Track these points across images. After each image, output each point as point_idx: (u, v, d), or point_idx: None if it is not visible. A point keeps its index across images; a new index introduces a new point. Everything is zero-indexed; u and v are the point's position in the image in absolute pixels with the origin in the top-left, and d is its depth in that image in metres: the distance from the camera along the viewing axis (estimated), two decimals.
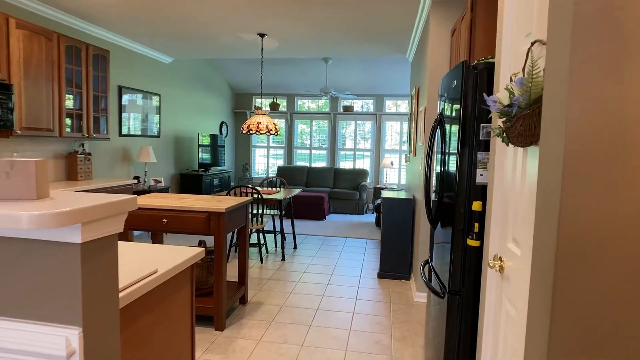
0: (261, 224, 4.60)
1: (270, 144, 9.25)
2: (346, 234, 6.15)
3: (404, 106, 8.78)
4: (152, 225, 2.98)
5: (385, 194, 4.47)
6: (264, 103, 9.26)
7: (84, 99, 4.18)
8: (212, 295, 3.09)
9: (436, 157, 2.36)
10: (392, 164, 8.23)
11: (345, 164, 8.98)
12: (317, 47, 5.43)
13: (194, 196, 3.40)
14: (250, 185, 4.52)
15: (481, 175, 1.77)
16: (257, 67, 7.79)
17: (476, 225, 1.75)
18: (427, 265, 2.54)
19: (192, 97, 7.14)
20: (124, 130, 5.31)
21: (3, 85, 3.22)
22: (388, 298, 3.67)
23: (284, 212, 5.40)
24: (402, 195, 4.35)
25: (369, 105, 8.89)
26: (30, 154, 3.91)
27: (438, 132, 2.28)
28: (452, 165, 1.92)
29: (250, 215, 4.64)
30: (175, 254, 1.54)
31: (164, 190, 5.65)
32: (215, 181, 7.18)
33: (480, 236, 1.75)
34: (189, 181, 6.68)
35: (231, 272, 4.20)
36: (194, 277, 1.64)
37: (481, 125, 1.75)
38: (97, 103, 4.42)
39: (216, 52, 5.85)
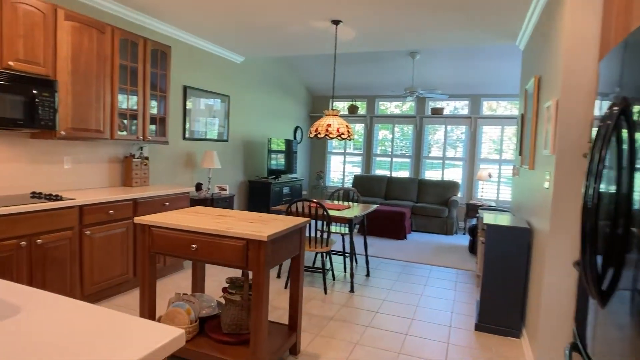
0: (326, 245, 3.81)
1: (347, 151, 8.48)
2: (431, 261, 5.08)
3: (503, 107, 7.37)
4: (180, 251, 2.37)
5: (487, 217, 3.38)
6: (341, 106, 8.54)
7: (140, 99, 3.83)
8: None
9: (606, 175, 1.33)
10: (490, 176, 6.90)
11: (431, 175, 7.84)
12: (402, 36, 4.52)
13: (238, 214, 2.74)
14: (314, 200, 3.77)
15: None
16: (336, 67, 7.09)
17: None
18: (576, 351, 1.53)
19: (264, 99, 6.68)
20: (188, 134, 4.96)
21: (46, 81, 2.92)
22: None
23: (356, 229, 4.57)
24: (510, 220, 3.23)
25: (462, 107, 7.65)
26: (82, 158, 3.64)
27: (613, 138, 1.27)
28: None
29: (314, 233, 3.89)
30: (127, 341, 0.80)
31: (229, 199, 5.19)
32: (286, 190, 6.61)
33: None
34: (257, 189, 6.20)
35: (285, 304, 3.49)
36: None
37: None
38: (155, 103, 4.06)
39: (286, 47, 5.26)
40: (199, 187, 4.89)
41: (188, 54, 4.87)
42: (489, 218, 3.33)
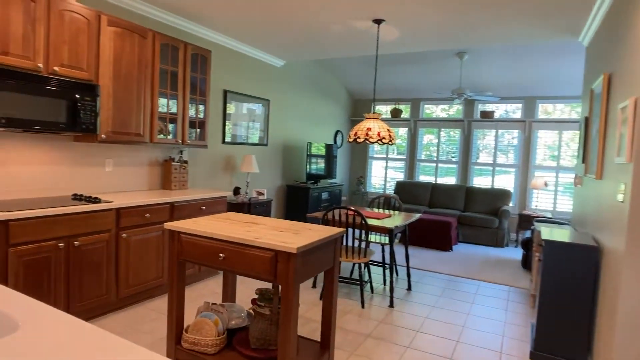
0: (364, 256, 3.60)
1: (389, 156, 8.19)
2: (480, 276, 4.70)
3: (560, 111, 6.76)
4: (208, 260, 2.27)
5: (545, 231, 3.02)
6: (384, 110, 8.27)
7: (180, 103, 3.84)
8: None
9: None
10: (545, 184, 6.34)
11: (480, 182, 7.36)
12: (449, 35, 4.23)
13: (270, 222, 2.61)
14: (352, 208, 3.58)
15: None
16: (377, 69, 6.86)
17: None
18: None
19: (305, 103, 6.59)
20: (228, 138, 4.96)
21: (89, 86, 2.97)
22: None
23: (397, 239, 4.32)
24: (572, 235, 2.85)
25: (514, 110, 7.12)
26: (123, 161, 3.70)
27: None
28: None
29: (352, 242, 3.70)
30: None
31: (266, 203, 5.12)
32: (324, 195, 6.46)
33: None
34: (295, 194, 6.10)
35: (319, 317, 3.31)
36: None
37: None
38: (194, 107, 4.07)
39: (327, 49, 5.12)
40: (237, 191, 4.86)
41: (229, 58, 4.88)
42: (546, 232, 2.97)
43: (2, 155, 2.82)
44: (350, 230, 5.96)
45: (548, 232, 2.98)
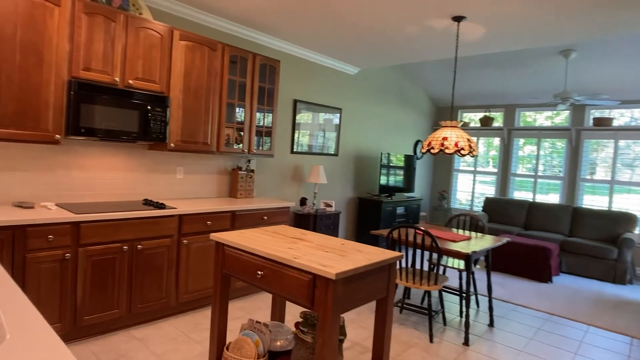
0: (435, 283, 3.18)
1: (478, 169, 7.41)
2: (589, 318, 3.87)
3: None
4: (247, 276, 2.14)
5: None
6: (473, 118, 7.54)
7: (247, 113, 3.87)
8: None
9: None
10: None
11: (592, 201, 6.23)
12: (550, 29, 3.60)
13: (318, 239, 2.39)
14: (421, 227, 3.19)
15: None
16: (462, 73, 6.26)
17: None
18: None
19: (380, 112, 6.28)
20: (297, 147, 4.89)
21: (160, 97, 3.11)
22: None
23: (477, 266, 3.77)
24: None
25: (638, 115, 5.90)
26: (193, 169, 3.82)
27: None
28: None
29: (421, 265, 3.32)
30: None
31: (334, 216, 4.93)
32: (400, 210, 6.04)
33: None
34: (367, 208, 5.80)
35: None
36: None
37: None
38: (262, 117, 4.07)
39: (402, 53, 4.78)
40: (303, 202, 4.76)
41: (299, 67, 4.83)
42: None
43: (85, 161, 3.08)
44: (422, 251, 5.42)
45: None
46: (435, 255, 4.12)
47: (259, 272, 2.05)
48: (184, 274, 3.20)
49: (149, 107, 3.04)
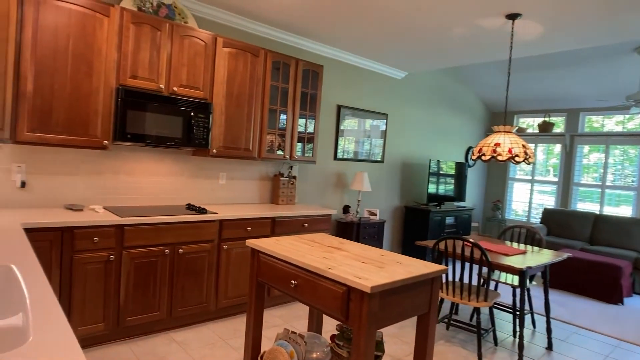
0: (485, 300, 2.92)
1: (536, 178, 6.88)
2: None
3: None
4: (281, 285, 2.06)
5: None
6: (531, 123, 7.03)
7: (289, 119, 3.84)
8: None
9: None
10: None
11: None
12: (620, 24, 3.24)
13: (356, 248, 2.27)
14: (470, 239, 2.96)
15: None
16: (518, 75, 5.85)
17: None
18: None
19: (429, 117, 6.03)
20: (341, 154, 4.80)
21: (203, 104, 3.17)
22: None
23: (533, 282, 3.44)
24: None
25: None
26: (236, 175, 3.85)
27: None
28: None
29: (469, 279, 3.09)
30: None
31: (378, 225, 4.77)
32: (449, 220, 5.73)
33: None
34: (414, 217, 5.56)
35: None
36: None
37: None
38: (304, 123, 4.03)
39: (452, 56, 4.55)
40: (346, 209, 4.64)
41: (343, 73, 4.75)
42: None
43: (132, 166, 3.20)
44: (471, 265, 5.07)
45: None
46: (485, 270, 3.83)
47: (293, 282, 1.97)
48: (224, 279, 3.20)
49: (192, 114, 3.10)
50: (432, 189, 5.61)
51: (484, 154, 3.30)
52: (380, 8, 3.32)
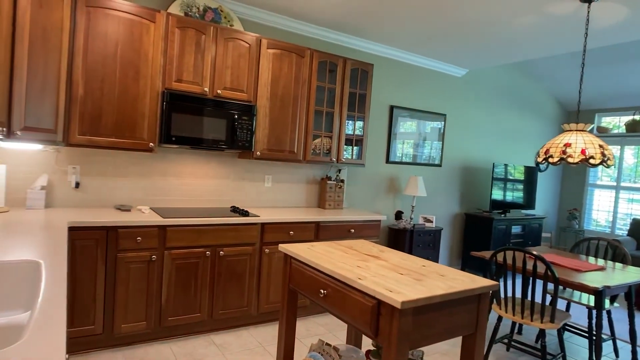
0: (551, 321, 2.54)
1: (623, 184, 6.02)
2: None
3: None
4: (310, 293, 1.94)
5: None
6: (615, 123, 6.19)
7: (336, 120, 3.72)
8: None
9: None
10: None
11: None
12: None
13: (396, 257, 2.08)
14: (533, 252, 2.60)
15: None
16: (598, 68, 5.16)
17: None
18: None
19: (493, 117, 5.55)
20: (393, 157, 4.57)
21: (247, 106, 3.16)
22: None
23: (614, 304, 2.95)
24: None
25: None
26: (282, 178, 3.81)
27: None
28: None
29: (532, 297, 2.73)
30: None
31: (434, 232, 4.45)
32: (515, 229, 5.21)
33: None
34: (475, 225, 5.13)
35: None
36: None
37: None
38: (352, 124, 3.88)
39: (517, 49, 4.12)
40: (399, 215, 4.39)
41: (395, 71, 4.53)
42: None
43: (178, 169, 3.28)
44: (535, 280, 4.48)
45: None
46: (551, 287, 3.37)
47: (322, 291, 1.83)
48: (265, 284, 3.15)
49: (236, 116, 3.11)
50: (496, 195, 5.14)
51: (551, 156, 2.91)
52: (436, 0, 3.08)
